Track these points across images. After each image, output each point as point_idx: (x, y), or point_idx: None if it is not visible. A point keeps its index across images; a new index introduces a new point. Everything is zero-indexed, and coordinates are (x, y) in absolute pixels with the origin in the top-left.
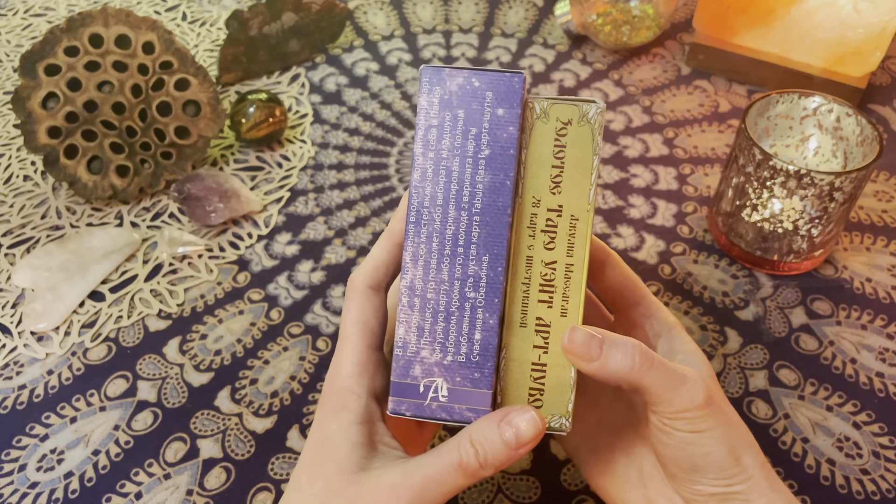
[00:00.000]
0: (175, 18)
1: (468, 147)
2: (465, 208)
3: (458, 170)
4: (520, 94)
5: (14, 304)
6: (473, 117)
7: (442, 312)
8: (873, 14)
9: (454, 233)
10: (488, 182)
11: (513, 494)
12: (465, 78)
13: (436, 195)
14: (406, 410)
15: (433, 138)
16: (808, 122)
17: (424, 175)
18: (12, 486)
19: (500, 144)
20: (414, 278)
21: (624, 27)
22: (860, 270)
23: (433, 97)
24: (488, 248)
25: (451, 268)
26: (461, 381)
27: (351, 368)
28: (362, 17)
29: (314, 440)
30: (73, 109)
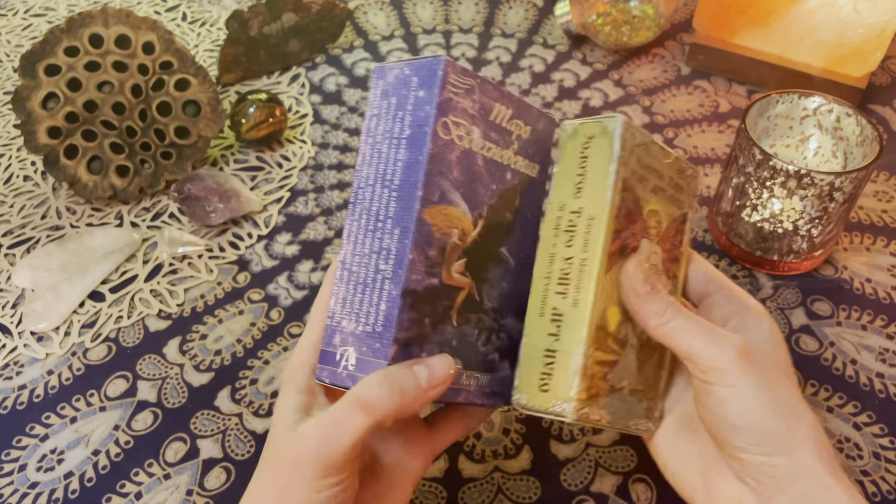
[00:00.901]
0: (175, 18)
1: (395, 129)
2: (388, 185)
3: (386, 151)
4: (438, 76)
5: (14, 304)
6: (402, 102)
7: (360, 284)
8: (873, 14)
9: (377, 209)
10: (405, 159)
11: (513, 494)
12: (399, 69)
13: (369, 175)
14: (325, 378)
15: (373, 126)
16: (808, 122)
17: (363, 159)
18: (12, 486)
19: (418, 123)
20: (346, 253)
21: (624, 27)
22: (860, 271)
23: (377, 90)
24: (399, 221)
25: (371, 242)
26: (366, 350)
27: (308, 346)
28: (362, 17)
29: (273, 415)
30: (74, 109)
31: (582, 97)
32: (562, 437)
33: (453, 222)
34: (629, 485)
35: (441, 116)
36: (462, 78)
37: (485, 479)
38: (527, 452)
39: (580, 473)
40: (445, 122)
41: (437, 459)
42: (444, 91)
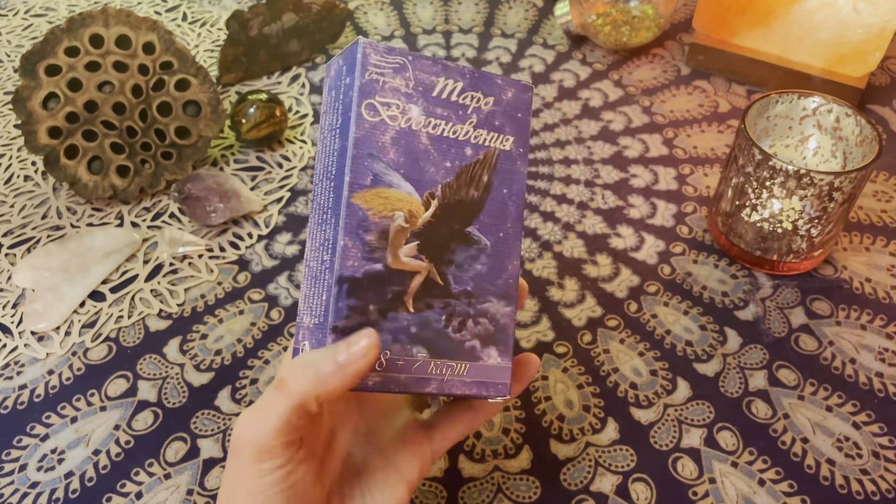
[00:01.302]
0: (175, 19)
1: (334, 120)
2: (329, 177)
3: (329, 143)
4: (357, 59)
5: (15, 304)
6: (338, 93)
7: (313, 278)
8: (873, 14)
9: (323, 202)
10: (338, 148)
11: (513, 494)
12: (335, 61)
13: (319, 170)
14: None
15: (323, 123)
16: (807, 122)
17: (317, 155)
18: (13, 486)
19: (345, 110)
20: (306, 250)
21: (624, 27)
22: (859, 270)
23: (326, 86)
24: (335, 210)
25: (320, 235)
26: (315, 343)
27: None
28: (362, 17)
29: None
30: (74, 110)
31: (582, 97)
32: (562, 436)
33: (394, 204)
34: (629, 484)
35: (364, 98)
36: (386, 57)
37: (485, 479)
38: (527, 452)
39: (580, 473)
40: (371, 103)
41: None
42: (365, 73)
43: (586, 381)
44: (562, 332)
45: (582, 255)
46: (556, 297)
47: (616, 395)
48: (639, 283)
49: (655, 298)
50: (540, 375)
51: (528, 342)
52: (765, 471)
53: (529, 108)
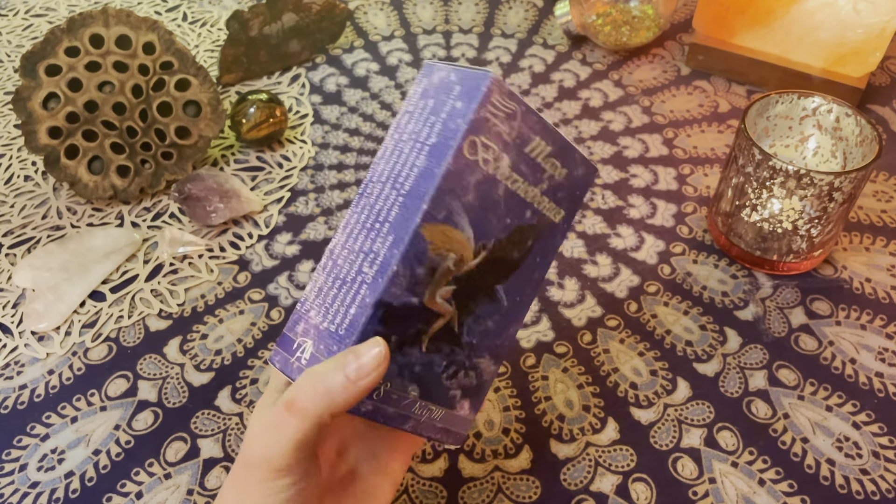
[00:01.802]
0: (176, 19)
1: (423, 132)
2: (397, 188)
3: (408, 152)
4: (481, 91)
5: (15, 304)
6: (438, 107)
7: (339, 280)
8: (873, 14)
9: (380, 209)
10: (422, 167)
11: (513, 494)
12: (446, 72)
13: (383, 172)
14: (277, 362)
15: (403, 122)
16: (807, 122)
17: (384, 153)
18: (13, 486)
19: (446, 134)
20: (337, 243)
21: (624, 28)
22: (859, 270)
23: (418, 87)
24: (396, 229)
25: (364, 240)
26: (323, 349)
27: None
28: (362, 17)
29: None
30: (74, 110)
31: (582, 97)
32: (562, 436)
33: (453, 245)
34: (629, 484)
35: (470, 134)
36: (506, 100)
37: (485, 479)
38: (527, 452)
39: (580, 473)
40: (474, 140)
41: (437, 460)
42: (482, 108)
43: (586, 381)
44: (562, 332)
45: (582, 255)
46: (556, 297)
47: (616, 395)
48: (639, 283)
49: (655, 298)
50: (540, 375)
51: (528, 342)
52: (765, 471)
53: (588, 189)
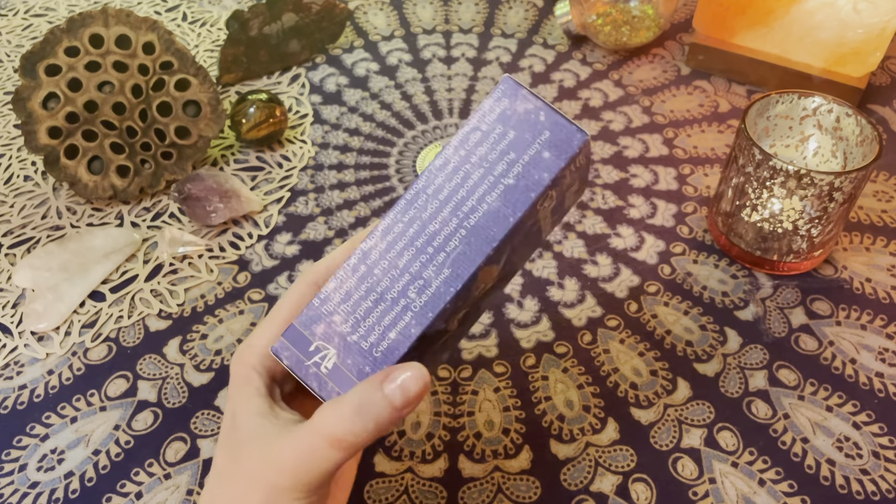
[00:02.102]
0: (175, 19)
1: (498, 166)
2: (460, 217)
3: (476, 180)
4: (573, 150)
5: (14, 304)
6: (520, 144)
7: (377, 293)
8: (873, 14)
9: (436, 231)
10: (494, 207)
11: (513, 494)
12: (535, 106)
13: (442, 189)
14: (286, 358)
15: (474, 140)
16: (807, 122)
17: (445, 166)
18: (13, 486)
19: (527, 183)
20: (374, 248)
21: (624, 27)
22: (860, 270)
23: (497, 106)
24: (456, 265)
25: (412, 260)
26: (351, 364)
27: (258, 348)
28: (362, 17)
29: (226, 415)
30: (74, 110)
31: (582, 97)
32: (562, 436)
33: (489, 280)
34: (629, 484)
35: (550, 189)
36: (585, 158)
37: (485, 479)
38: (527, 452)
39: (580, 473)
40: (551, 194)
41: (437, 460)
42: (568, 167)
43: (586, 382)
44: (562, 332)
45: (582, 255)
46: (556, 297)
47: (616, 396)
48: (639, 283)
49: (655, 298)
50: (540, 375)
51: (528, 342)
52: (765, 471)
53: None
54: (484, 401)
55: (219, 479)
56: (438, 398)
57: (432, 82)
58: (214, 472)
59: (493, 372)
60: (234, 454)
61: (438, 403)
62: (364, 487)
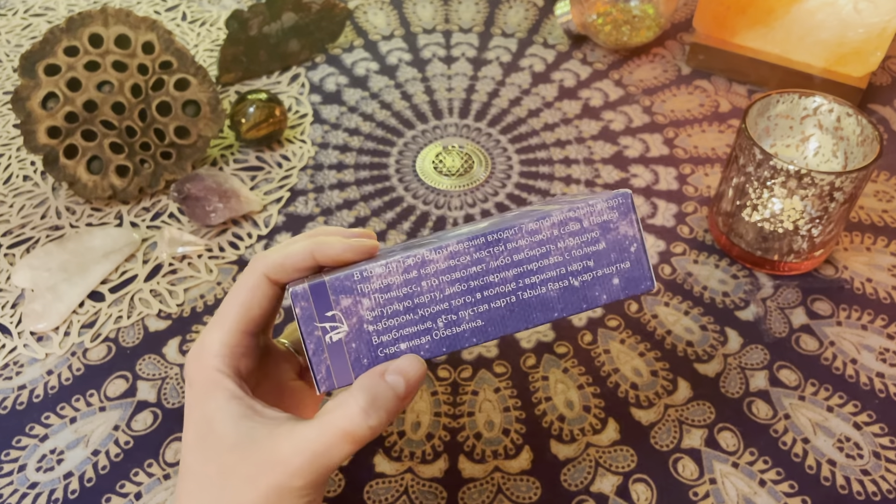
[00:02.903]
0: (175, 18)
1: (574, 265)
2: (519, 285)
3: (551, 264)
4: (636, 291)
5: (14, 304)
6: (602, 258)
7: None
8: (873, 14)
9: (491, 283)
10: (549, 297)
11: (513, 495)
12: (633, 235)
13: (520, 251)
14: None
15: (572, 229)
16: (808, 122)
17: (536, 234)
18: (12, 487)
19: (586, 294)
20: (435, 263)
21: (624, 27)
22: (861, 270)
23: (606, 213)
24: (489, 322)
25: (458, 294)
26: (354, 349)
27: (218, 348)
28: (362, 16)
29: (195, 422)
30: (73, 109)
31: (582, 97)
32: (562, 437)
33: None
34: (629, 485)
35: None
36: None
37: (485, 480)
38: (527, 453)
39: (580, 474)
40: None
41: (437, 460)
42: (622, 301)
43: (587, 382)
44: (562, 332)
45: None
46: None
47: (616, 396)
48: None
49: (656, 299)
50: (541, 376)
51: (528, 342)
52: (765, 471)
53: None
54: (484, 401)
55: (202, 488)
56: (438, 398)
57: (432, 82)
58: (195, 483)
59: (493, 372)
60: (221, 462)
61: (438, 404)
62: (364, 488)
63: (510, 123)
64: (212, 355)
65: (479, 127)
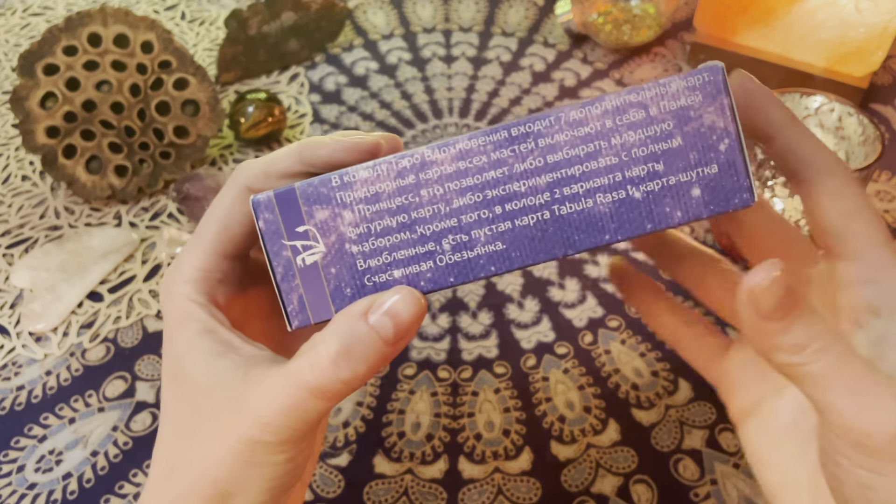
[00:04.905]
0: (174, 18)
1: (636, 168)
2: (554, 196)
3: (601, 167)
4: (726, 207)
5: (12, 304)
6: (677, 159)
7: (408, 217)
8: (875, 13)
9: (516, 193)
10: (598, 212)
11: (513, 496)
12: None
13: (556, 149)
14: (263, 222)
15: (632, 118)
16: (809, 121)
17: (578, 126)
18: (10, 488)
19: (651, 209)
20: (437, 164)
21: (625, 26)
22: None
23: (685, 96)
24: (513, 245)
25: (469, 207)
26: (333, 274)
27: (191, 273)
28: (362, 16)
29: (168, 358)
30: (72, 109)
31: (583, 96)
32: (562, 438)
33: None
34: (630, 486)
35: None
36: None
37: (485, 481)
38: (527, 453)
39: (581, 474)
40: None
41: (437, 461)
42: (707, 218)
43: (587, 382)
44: (562, 332)
45: (583, 255)
46: (557, 297)
47: (617, 397)
48: None
49: None
50: (541, 376)
51: (528, 343)
52: None
53: None
54: (484, 402)
55: (175, 435)
56: (438, 399)
57: (432, 81)
58: (167, 428)
59: (493, 373)
60: (193, 405)
61: (438, 404)
62: (363, 489)
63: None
64: (183, 281)
65: (479, 126)
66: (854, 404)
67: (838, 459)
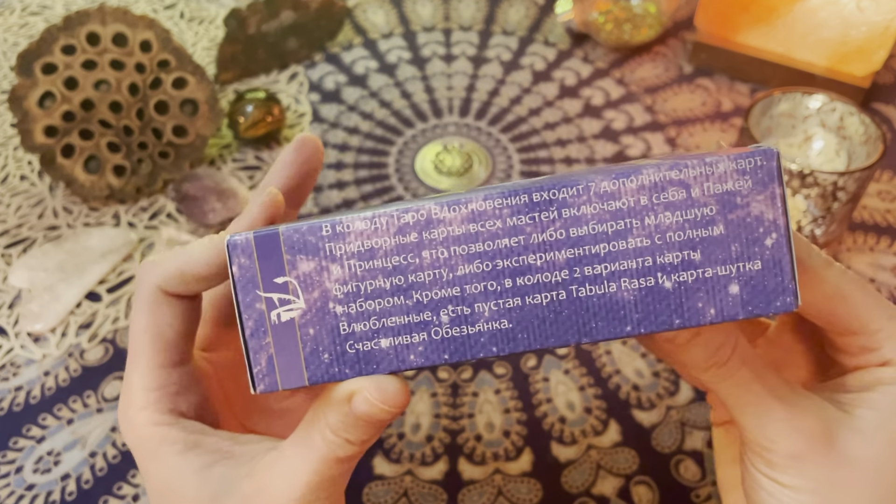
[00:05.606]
0: (173, 17)
1: (668, 255)
2: (573, 276)
3: (629, 249)
4: (765, 310)
5: (11, 304)
6: (716, 250)
7: (404, 281)
8: (876, 12)
9: (531, 267)
10: (620, 300)
11: (513, 497)
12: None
13: (581, 223)
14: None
15: (671, 197)
16: (811, 121)
17: (610, 198)
18: (9, 489)
19: (681, 304)
20: (446, 223)
21: (625, 25)
22: (864, 271)
23: (732, 179)
24: (520, 325)
25: (474, 277)
26: (311, 336)
27: (144, 397)
28: (361, 15)
29: (156, 491)
30: (70, 108)
31: (583, 96)
32: (563, 439)
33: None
34: (630, 487)
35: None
36: None
37: (485, 482)
38: (528, 454)
39: (581, 476)
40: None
41: (437, 462)
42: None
43: (588, 383)
44: None
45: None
46: None
47: (618, 398)
48: None
49: None
50: (542, 377)
51: None
52: None
53: None
54: (484, 403)
55: None
56: (438, 400)
57: (432, 80)
58: None
59: (493, 374)
60: None
61: (438, 405)
62: (363, 490)
63: (511, 122)
64: (139, 409)
65: (479, 126)
66: (755, 422)
67: (748, 465)
